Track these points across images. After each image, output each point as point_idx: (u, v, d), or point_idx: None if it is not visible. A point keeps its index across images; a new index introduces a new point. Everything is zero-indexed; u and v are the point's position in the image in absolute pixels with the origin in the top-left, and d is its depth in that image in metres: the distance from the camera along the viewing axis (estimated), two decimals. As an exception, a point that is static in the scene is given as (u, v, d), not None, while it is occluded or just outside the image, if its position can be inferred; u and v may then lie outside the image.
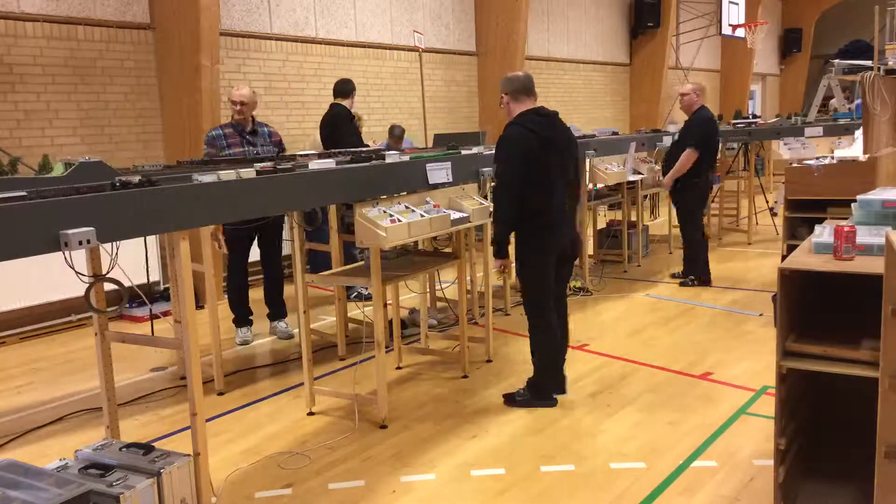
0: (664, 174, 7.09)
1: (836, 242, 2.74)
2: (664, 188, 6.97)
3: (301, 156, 4.90)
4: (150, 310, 4.95)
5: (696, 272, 7.08)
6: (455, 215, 4.28)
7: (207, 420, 3.54)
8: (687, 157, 6.73)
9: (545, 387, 4.36)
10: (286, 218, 5.38)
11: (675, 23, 15.29)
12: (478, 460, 3.63)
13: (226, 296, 6.00)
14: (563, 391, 4.41)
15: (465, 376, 4.79)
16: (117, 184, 2.80)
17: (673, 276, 7.41)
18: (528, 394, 4.35)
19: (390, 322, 5.21)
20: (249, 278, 5.84)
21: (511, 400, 4.36)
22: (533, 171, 4.08)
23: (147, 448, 3.02)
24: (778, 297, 2.75)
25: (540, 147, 4.10)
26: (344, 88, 7.03)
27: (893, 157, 5.22)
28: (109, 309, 3.41)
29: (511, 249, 4.31)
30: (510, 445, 3.79)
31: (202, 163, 4.76)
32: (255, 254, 5.76)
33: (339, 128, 7.26)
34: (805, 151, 8.76)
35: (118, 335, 3.48)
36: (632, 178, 7.47)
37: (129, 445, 3.06)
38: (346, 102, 7.19)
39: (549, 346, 4.32)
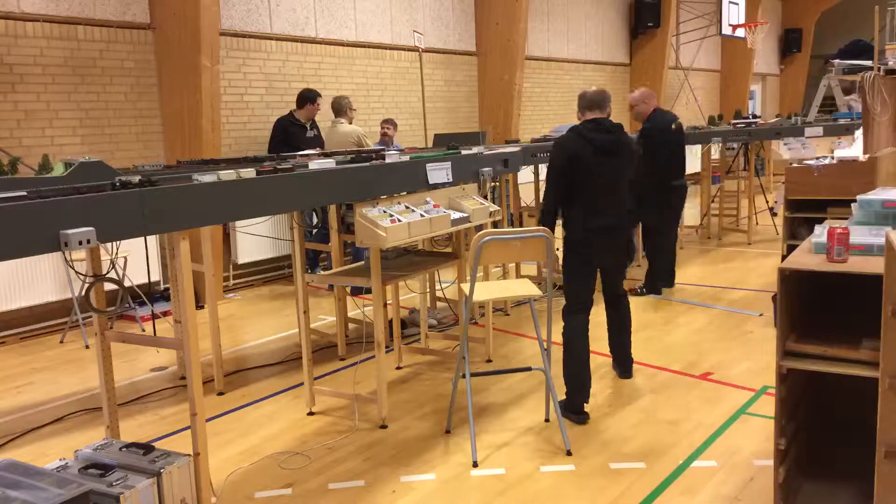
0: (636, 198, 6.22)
1: (828, 244, 2.73)
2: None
3: (301, 155, 4.90)
4: (152, 310, 4.94)
5: (655, 282, 6.61)
6: (455, 215, 4.28)
7: (207, 420, 3.54)
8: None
9: None
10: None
11: (675, 23, 15.27)
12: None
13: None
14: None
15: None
16: (117, 184, 2.80)
17: (634, 291, 6.51)
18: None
19: (390, 322, 5.21)
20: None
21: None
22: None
23: (147, 448, 3.02)
24: (778, 297, 2.75)
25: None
26: (299, 98, 7.50)
27: (893, 157, 5.21)
28: (109, 309, 3.41)
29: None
30: (510, 445, 3.79)
31: (202, 163, 4.76)
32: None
33: (273, 139, 7.64)
34: (805, 151, 8.76)
35: (118, 335, 3.48)
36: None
37: (129, 445, 3.06)
38: (298, 113, 7.57)
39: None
